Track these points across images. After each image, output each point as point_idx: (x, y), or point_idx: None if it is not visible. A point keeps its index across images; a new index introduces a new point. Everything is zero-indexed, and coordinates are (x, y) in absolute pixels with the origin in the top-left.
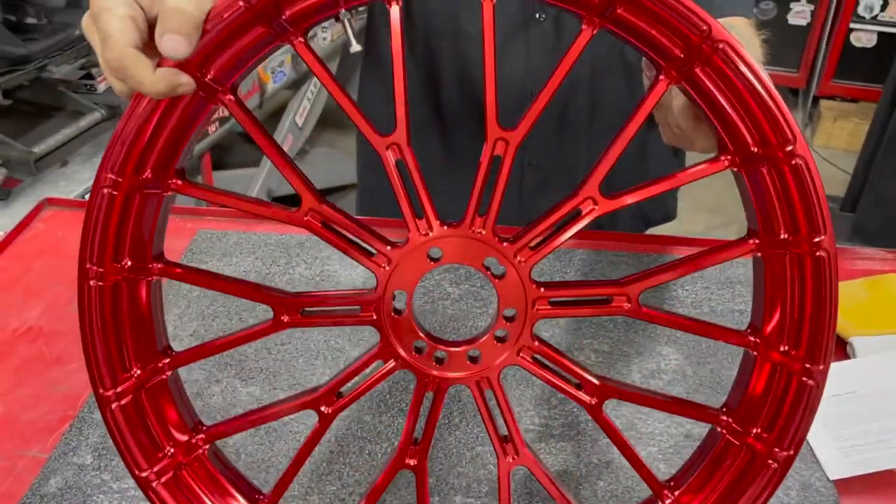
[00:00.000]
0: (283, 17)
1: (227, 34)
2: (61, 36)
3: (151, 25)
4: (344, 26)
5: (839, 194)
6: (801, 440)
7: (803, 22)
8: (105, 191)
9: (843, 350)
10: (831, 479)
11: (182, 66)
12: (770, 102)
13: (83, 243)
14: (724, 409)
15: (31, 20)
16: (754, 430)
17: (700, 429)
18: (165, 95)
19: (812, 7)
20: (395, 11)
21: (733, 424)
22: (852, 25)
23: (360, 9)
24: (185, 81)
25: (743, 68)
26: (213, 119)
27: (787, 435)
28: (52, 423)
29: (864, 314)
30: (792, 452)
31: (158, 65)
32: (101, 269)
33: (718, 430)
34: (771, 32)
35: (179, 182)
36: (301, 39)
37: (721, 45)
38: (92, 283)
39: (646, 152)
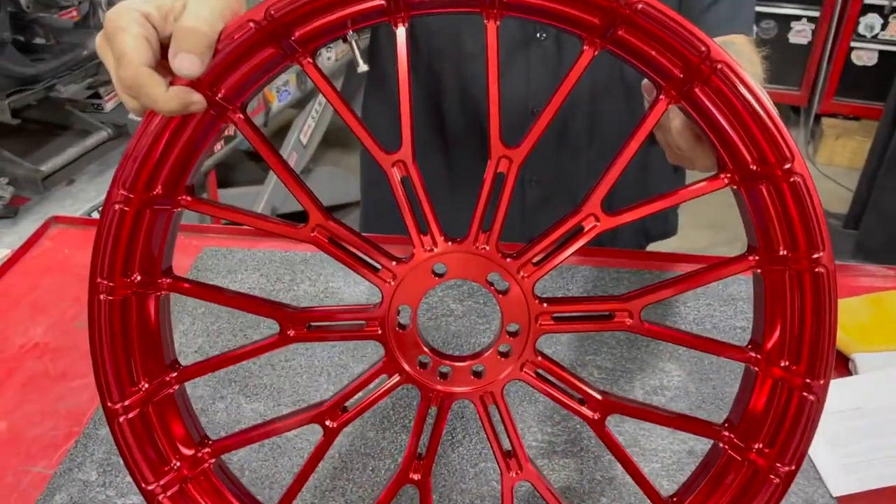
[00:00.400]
0: (293, 37)
1: (237, 54)
2: (69, 56)
3: (164, 45)
4: (351, 47)
5: (842, 211)
6: (802, 455)
7: (804, 41)
8: (116, 206)
9: (845, 367)
10: (834, 495)
11: (194, 84)
12: (767, 121)
13: (94, 258)
14: (726, 425)
15: (39, 40)
16: (756, 446)
17: (703, 445)
18: (177, 113)
19: (813, 26)
20: (401, 33)
21: (735, 440)
22: (853, 44)
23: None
24: (197, 100)
25: (741, 88)
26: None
27: (788, 450)
28: (57, 439)
29: (866, 331)
30: (794, 467)
31: (171, 83)
32: (111, 284)
33: (720, 445)
34: (772, 51)
35: (189, 198)
36: (310, 60)
37: (719, 66)
38: (102, 297)
39: (647, 168)
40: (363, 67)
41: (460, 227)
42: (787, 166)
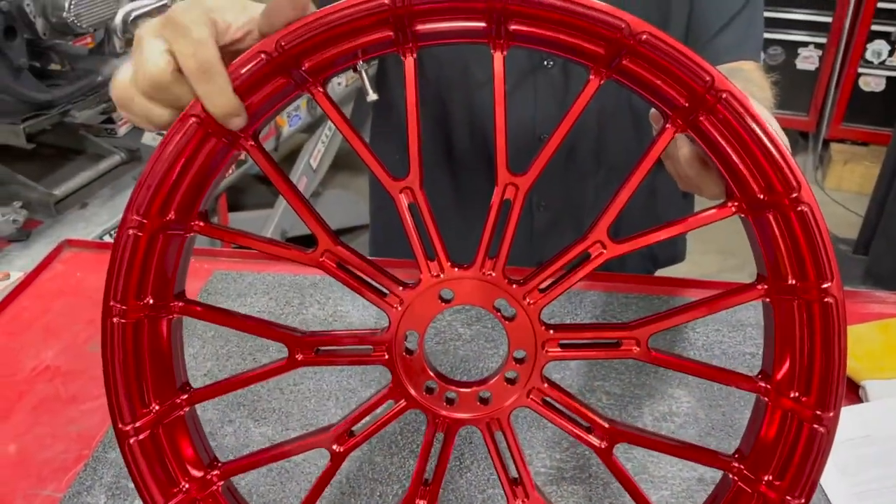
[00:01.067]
0: (303, 68)
1: (249, 84)
2: (84, 82)
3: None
4: (361, 76)
5: (851, 237)
6: (812, 487)
7: (812, 67)
8: (130, 231)
9: (855, 394)
10: None
11: None
12: (773, 150)
13: (108, 281)
14: (736, 456)
15: (55, 67)
16: (766, 478)
17: (713, 473)
18: (222, 117)
19: (820, 52)
20: (409, 63)
21: (745, 471)
22: (861, 70)
23: None
24: (243, 117)
25: (746, 117)
26: None
27: (798, 482)
28: (66, 462)
29: (876, 358)
30: (804, 500)
31: None
32: (124, 307)
33: (730, 476)
34: (780, 77)
35: (202, 224)
36: (320, 89)
37: (724, 95)
38: (115, 320)
39: (655, 194)
40: (373, 96)
41: (468, 252)
42: (794, 195)
